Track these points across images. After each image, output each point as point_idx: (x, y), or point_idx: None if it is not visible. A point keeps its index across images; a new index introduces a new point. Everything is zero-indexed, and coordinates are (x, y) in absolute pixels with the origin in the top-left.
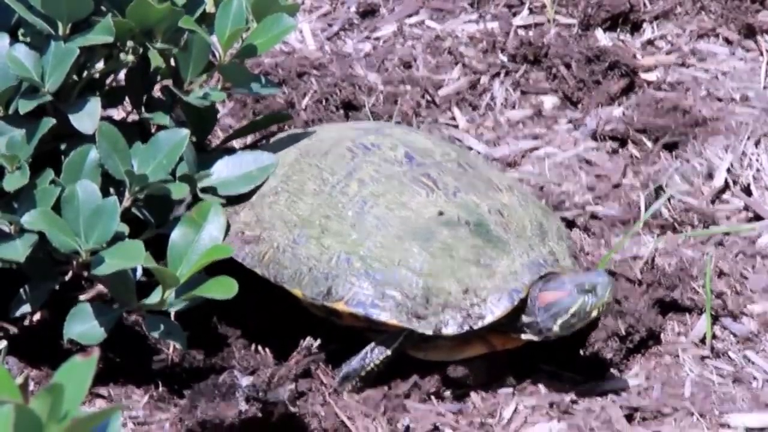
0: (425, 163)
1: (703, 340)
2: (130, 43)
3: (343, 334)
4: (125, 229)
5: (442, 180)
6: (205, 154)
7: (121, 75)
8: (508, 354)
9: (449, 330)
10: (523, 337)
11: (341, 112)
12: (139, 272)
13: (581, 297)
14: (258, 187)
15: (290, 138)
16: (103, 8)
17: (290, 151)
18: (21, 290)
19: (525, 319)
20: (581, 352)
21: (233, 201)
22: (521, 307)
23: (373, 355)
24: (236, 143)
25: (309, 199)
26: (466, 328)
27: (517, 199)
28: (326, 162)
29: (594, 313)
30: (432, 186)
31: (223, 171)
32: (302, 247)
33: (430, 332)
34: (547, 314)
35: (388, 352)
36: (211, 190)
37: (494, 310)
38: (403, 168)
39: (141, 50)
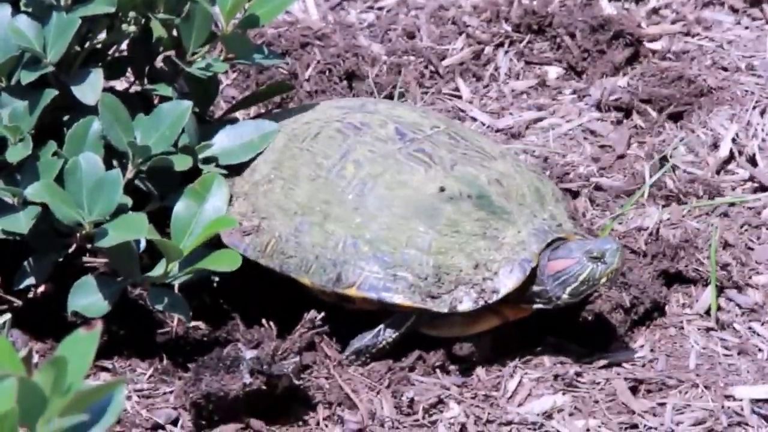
0: (417, 138)
1: (708, 312)
2: (132, 14)
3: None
4: (128, 201)
5: (437, 154)
6: (207, 125)
7: (124, 46)
8: (514, 327)
9: (464, 306)
10: (534, 306)
11: (344, 82)
12: (143, 244)
13: (590, 264)
14: (250, 175)
15: (273, 119)
16: None
17: (278, 137)
18: (25, 263)
19: (535, 288)
20: (586, 324)
21: (234, 172)
22: (531, 276)
23: (386, 333)
24: (239, 115)
25: (305, 185)
26: (481, 303)
27: (511, 166)
28: (318, 146)
29: (603, 280)
30: (428, 161)
31: (224, 141)
32: (306, 234)
33: (445, 311)
34: (557, 282)
35: (401, 331)
36: (213, 160)
37: (507, 282)
38: (396, 145)
39: (143, 21)
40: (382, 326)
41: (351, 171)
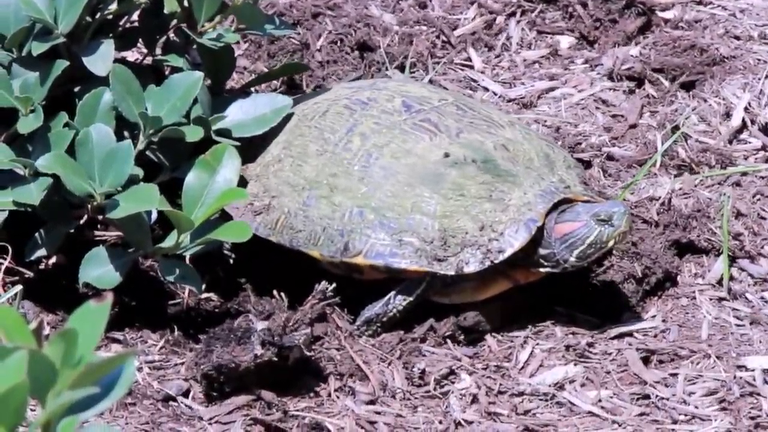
0: (424, 109)
1: (720, 282)
2: None
3: (360, 281)
4: (140, 172)
5: (443, 123)
6: (220, 97)
7: (135, 17)
8: (524, 297)
9: (471, 268)
10: (542, 270)
11: (356, 53)
12: (154, 216)
13: (597, 227)
14: (261, 157)
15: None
16: None
17: (288, 118)
18: (36, 234)
19: (542, 251)
20: (597, 294)
21: (246, 146)
22: (538, 239)
23: (396, 301)
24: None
25: (313, 160)
26: (487, 263)
27: (520, 133)
28: (325, 122)
29: (610, 243)
30: (434, 130)
31: (237, 113)
32: (313, 208)
33: (452, 272)
34: (564, 245)
35: (411, 298)
36: (226, 132)
37: (513, 242)
38: (402, 117)
39: None
40: (392, 294)
41: (357, 143)
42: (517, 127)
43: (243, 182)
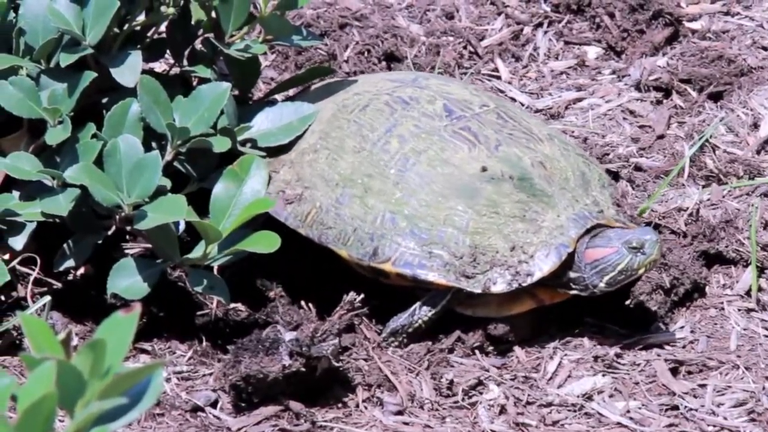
0: (465, 116)
1: (748, 293)
2: None
3: (387, 289)
4: (167, 183)
5: (482, 133)
6: (246, 107)
7: (162, 28)
8: (553, 308)
9: (498, 288)
10: (570, 292)
11: (383, 63)
12: (182, 226)
13: (629, 254)
14: (297, 143)
15: (325, 91)
16: None
17: (327, 106)
18: (64, 245)
19: (572, 274)
20: (626, 305)
21: (273, 154)
22: (568, 262)
23: (422, 312)
24: (278, 97)
25: (350, 157)
26: (515, 285)
27: (558, 148)
28: (365, 118)
29: (641, 271)
30: (473, 140)
31: (263, 123)
32: (346, 206)
33: (478, 291)
34: (594, 271)
35: (437, 309)
36: (251, 142)
37: (542, 266)
38: (443, 122)
39: (182, 2)
40: (417, 305)
41: (395, 145)
42: (556, 141)
43: (276, 166)
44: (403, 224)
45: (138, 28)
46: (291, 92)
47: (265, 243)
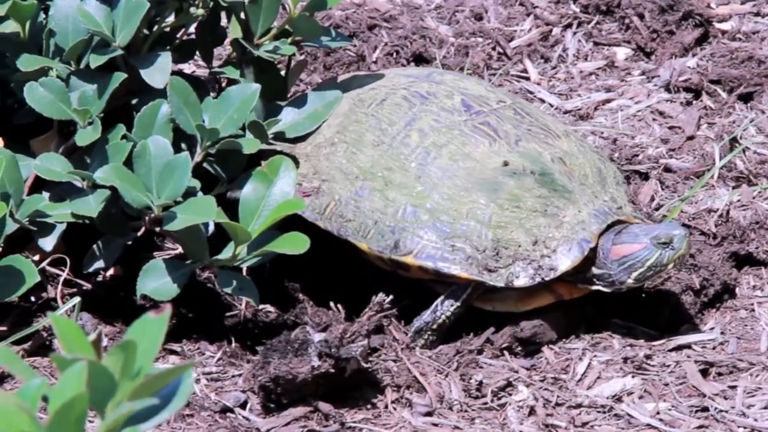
0: (483, 111)
1: None
2: None
3: (414, 289)
4: (197, 184)
5: (502, 128)
6: (274, 105)
7: (192, 29)
8: (582, 309)
9: (520, 282)
10: (593, 287)
11: (412, 64)
12: (211, 228)
13: (658, 250)
14: (313, 137)
15: (340, 86)
16: None
17: (342, 102)
18: (94, 246)
19: (596, 270)
20: (655, 306)
21: (289, 147)
22: (590, 258)
23: (444, 307)
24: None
25: (369, 150)
26: (537, 280)
27: (575, 145)
28: (383, 111)
29: (670, 266)
30: (493, 135)
31: (289, 114)
32: (366, 199)
33: (501, 284)
34: (622, 267)
35: (458, 304)
36: (280, 135)
37: (565, 260)
38: (462, 117)
39: (211, 4)
40: (438, 300)
41: (415, 139)
42: (573, 138)
43: (292, 159)
44: (425, 217)
45: (168, 29)
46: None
47: (295, 244)
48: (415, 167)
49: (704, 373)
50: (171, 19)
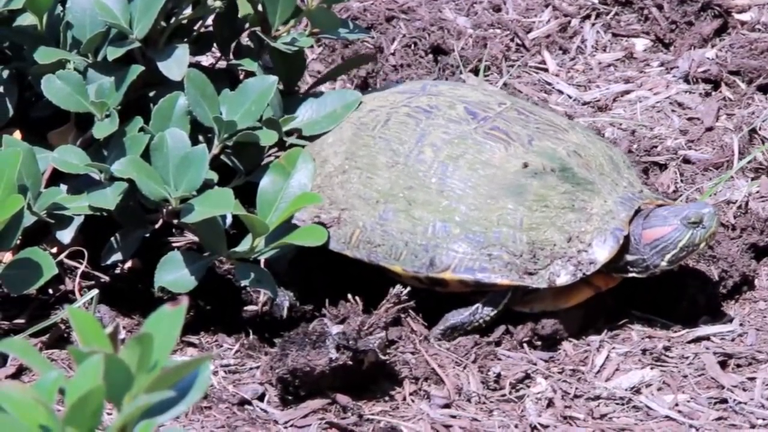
0: (489, 116)
1: None
2: None
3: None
4: (214, 176)
5: (512, 131)
6: (291, 99)
7: (209, 21)
8: (600, 301)
9: (562, 280)
10: (627, 275)
11: (430, 56)
12: (229, 220)
13: (689, 230)
14: (321, 167)
15: None
16: None
17: (344, 126)
18: (112, 238)
19: (629, 257)
20: (674, 298)
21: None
22: (624, 246)
23: (483, 312)
24: (323, 88)
25: (384, 172)
26: (579, 275)
27: (583, 136)
28: (390, 132)
29: (702, 245)
30: (506, 138)
31: (307, 112)
32: (391, 222)
33: (544, 286)
34: (655, 251)
35: (499, 309)
36: (297, 132)
37: (602, 252)
38: (471, 125)
39: None
40: (479, 305)
41: (430, 155)
42: (578, 129)
43: None
44: (456, 231)
45: (185, 21)
46: (338, 84)
47: (313, 236)
48: (436, 182)
49: (723, 364)
50: (188, 11)
